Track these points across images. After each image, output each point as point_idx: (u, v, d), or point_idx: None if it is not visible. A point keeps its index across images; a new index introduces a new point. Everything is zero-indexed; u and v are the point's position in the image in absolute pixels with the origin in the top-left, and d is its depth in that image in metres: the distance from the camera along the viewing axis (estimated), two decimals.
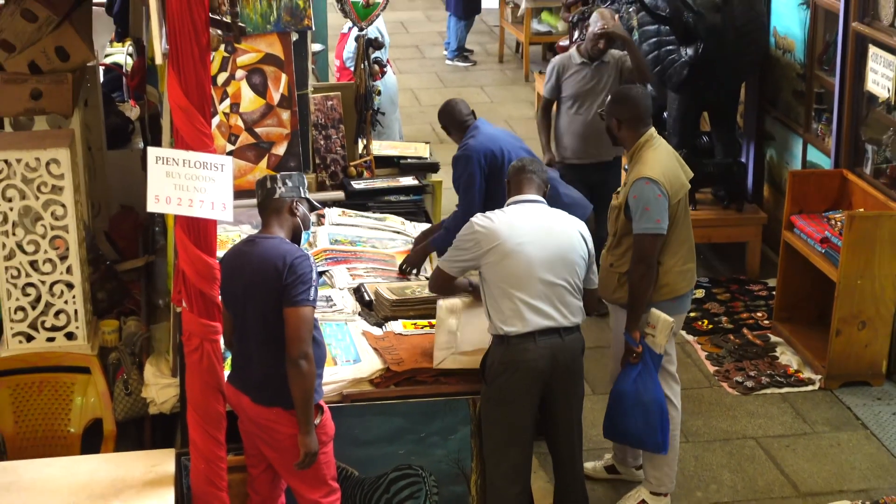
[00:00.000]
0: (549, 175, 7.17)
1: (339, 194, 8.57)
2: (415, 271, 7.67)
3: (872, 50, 8.93)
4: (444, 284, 6.63)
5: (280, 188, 5.98)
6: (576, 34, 12.38)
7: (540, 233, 6.45)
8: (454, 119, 7.94)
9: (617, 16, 10.48)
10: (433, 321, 6.87)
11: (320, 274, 7.49)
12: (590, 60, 9.40)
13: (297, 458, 5.87)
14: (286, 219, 6.00)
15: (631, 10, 11.00)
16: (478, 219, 6.47)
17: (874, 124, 9.25)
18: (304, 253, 5.91)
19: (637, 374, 7.03)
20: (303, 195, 6.06)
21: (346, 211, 8.33)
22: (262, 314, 5.85)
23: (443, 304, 6.70)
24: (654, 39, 10.31)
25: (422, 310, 7.11)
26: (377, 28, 9.67)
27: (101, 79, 9.01)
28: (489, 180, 7.64)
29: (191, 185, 5.50)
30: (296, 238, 6.04)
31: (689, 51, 9.94)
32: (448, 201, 9.57)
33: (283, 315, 5.75)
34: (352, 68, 9.44)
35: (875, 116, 9.21)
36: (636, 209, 6.92)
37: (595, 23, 9.38)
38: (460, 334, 6.72)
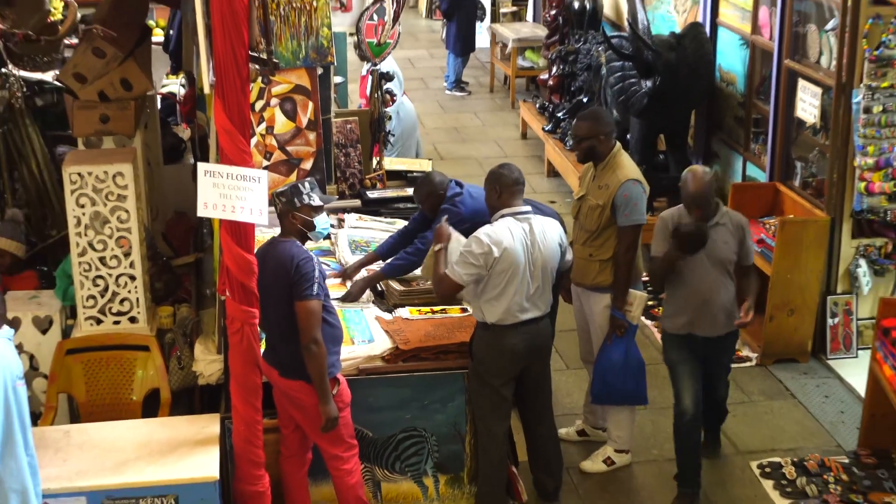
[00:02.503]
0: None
1: (356, 202, 8.58)
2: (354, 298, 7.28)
3: (801, 83, 8.96)
4: (453, 292, 6.59)
5: (278, 204, 6.05)
6: (554, 69, 12.44)
7: (537, 241, 6.44)
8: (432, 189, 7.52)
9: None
10: (435, 308, 6.95)
11: (342, 266, 7.56)
12: None
13: (321, 422, 5.92)
14: (291, 225, 6.06)
15: (600, 48, 11.05)
16: (486, 232, 6.38)
17: (802, 145, 9.27)
18: (308, 255, 5.94)
19: (624, 343, 7.08)
20: (300, 203, 6.04)
21: (363, 216, 8.34)
22: (279, 305, 5.90)
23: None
24: (620, 73, 10.33)
25: (425, 298, 7.13)
26: (390, 65, 9.69)
27: (159, 105, 9.02)
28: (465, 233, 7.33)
29: (233, 194, 5.53)
30: (304, 236, 6.09)
31: (649, 83, 9.96)
32: None
33: (295, 301, 5.83)
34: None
35: (803, 138, 9.23)
36: (626, 205, 6.94)
37: None
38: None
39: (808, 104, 8.89)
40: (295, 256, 5.88)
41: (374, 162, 8.91)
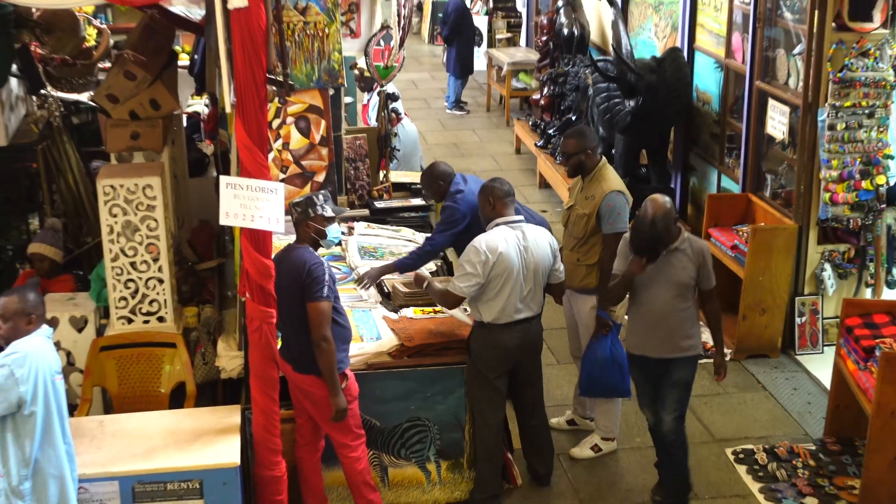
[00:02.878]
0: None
1: (365, 211, 8.61)
2: (366, 285, 7.38)
3: (771, 102, 8.98)
4: (458, 304, 6.64)
5: (294, 214, 6.09)
6: (545, 90, 12.46)
7: (529, 249, 6.46)
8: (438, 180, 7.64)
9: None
10: (437, 308, 6.97)
11: (351, 270, 7.59)
12: None
13: (331, 413, 5.95)
14: (305, 233, 6.09)
15: (587, 71, 11.05)
16: (481, 241, 6.41)
17: (772, 159, 9.28)
18: (319, 261, 5.97)
19: (608, 342, 7.10)
20: (313, 213, 6.07)
21: (371, 224, 8.35)
22: (293, 305, 5.93)
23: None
24: (605, 94, 10.36)
25: (428, 300, 7.11)
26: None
27: (184, 123, 9.04)
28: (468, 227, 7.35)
29: (252, 204, 5.54)
30: (317, 244, 6.12)
31: (632, 103, 9.98)
32: None
33: (307, 303, 5.87)
34: (375, 123, 9.47)
35: (773, 153, 9.25)
36: (610, 214, 6.97)
37: None
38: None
39: (777, 122, 8.92)
40: (307, 262, 5.92)
41: (381, 175, 8.93)
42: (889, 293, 8.79)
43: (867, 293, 8.77)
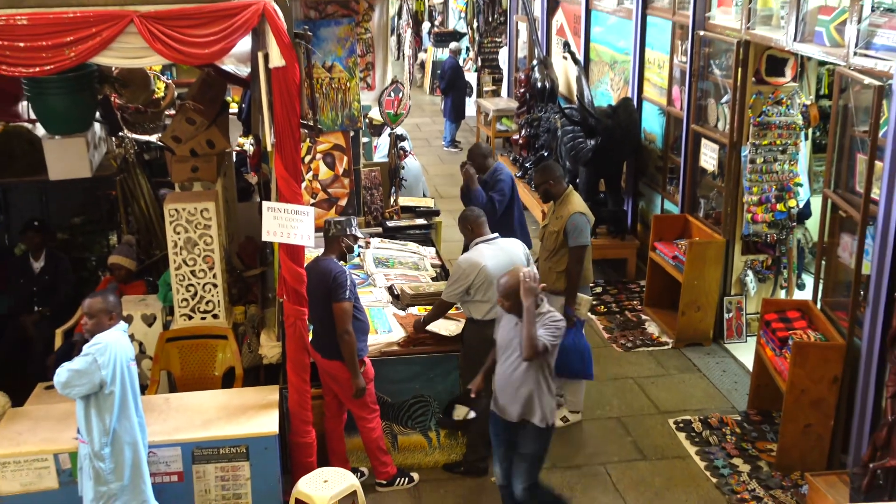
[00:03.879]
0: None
1: (378, 229, 8.60)
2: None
3: (703, 141, 8.97)
4: (446, 308, 6.63)
5: (332, 230, 6.11)
6: (522, 132, 12.45)
7: (504, 259, 6.44)
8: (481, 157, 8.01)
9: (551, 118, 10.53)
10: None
11: (368, 276, 7.58)
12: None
13: (352, 392, 5.96)
14: (336, 246, 6.12)
15: (556, 117, 11.04)
16: (465, 258, 6.48)
17: (704, 186, 9.27)
18: (342, 270, 6.03)
19: (573, 333, 7.07)
20: (348, 232, 6.15)
21: (384, 239, 8.36)
22: (322, 305, 5.95)
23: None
24: (571, 134, 10.34)
25: (430, 300, 7.08)
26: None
27: (234, 159, 9.03)
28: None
29: (288, 224, 5.54)
30: (343, 256, 6.18)
31: (592, 142, 9.96)
32: (446, 235, 9.60)
33: (332, 304, 5.93)
34: (385, 158, 9.45)
35: (705, 181, 9.24)
36: (574, 232, 6.99)
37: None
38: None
39: (708, 157, 8.91)
40: (332, 270, 5.96)
41: (392, 200, 8.91)
42: (799, 294, 8.81)
43: (782, 294, 8.78)
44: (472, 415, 6.01)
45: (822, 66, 9.05)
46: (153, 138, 8.60)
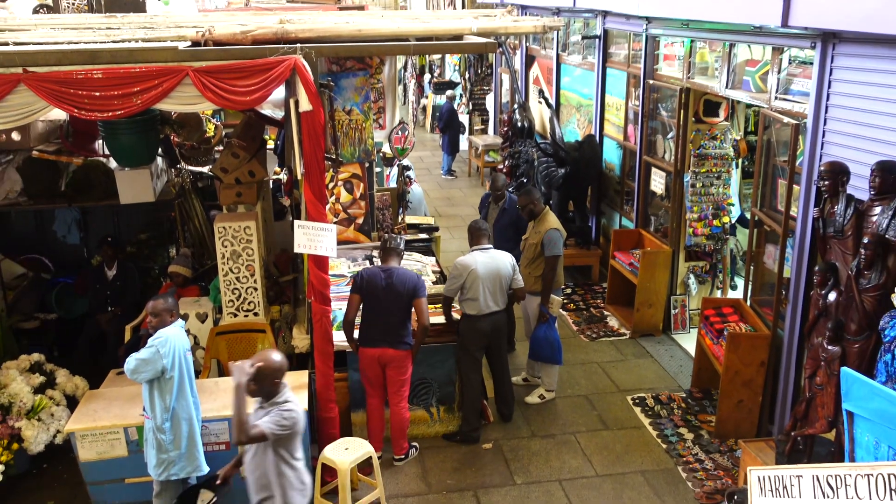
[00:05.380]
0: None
1: (403, 241, 8.57)
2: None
3: (653, 170, 8.97)
4: (447, 304, 6.58)
5: (397, 243, 6.25)
6: (506, 162, 12.42)
7: (492, 265, 6.45)
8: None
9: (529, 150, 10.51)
10: (438, 306, 6.86)
11: None
12: None
13: (409, 373, 6.16)
14: (396, 255, 6.22)
15: (533, 150, 11.01)
16: (459, 261, 6.47)
17: (654, 206, 9.27)
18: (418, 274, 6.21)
19: (546, 327, 7.04)
20: (402, 244, 6.35)
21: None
22: (401, 304, 6.01)
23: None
24: (545, 165, 10.32)
25: (435, 300, 7.00)
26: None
27: (271, 186, 9.00)
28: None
29: (315, 238, 5.51)
30: (399, 262, 6.30)
31: (563, 170, 9.96)
32: (444, 247, 9.56)
33: (412, 303, 6.03)
34: (394, 185, 9.42)
35: (655, 202, 9.23)
36: (549, 244, 6.99)
37: None
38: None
39: (658, 182, 8.91)
40: (416, 276, 6.12)
41: (399, 218, 8.88)
42: (732, 293, 8.79)
43: (718, 293, 8.75)
44: (215, 500, 5.04)
45: (749, 108, 9.08)
46: (205, 169, 8.56)
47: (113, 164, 7.68)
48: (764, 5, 5.74)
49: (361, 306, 6.09)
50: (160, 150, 7.93)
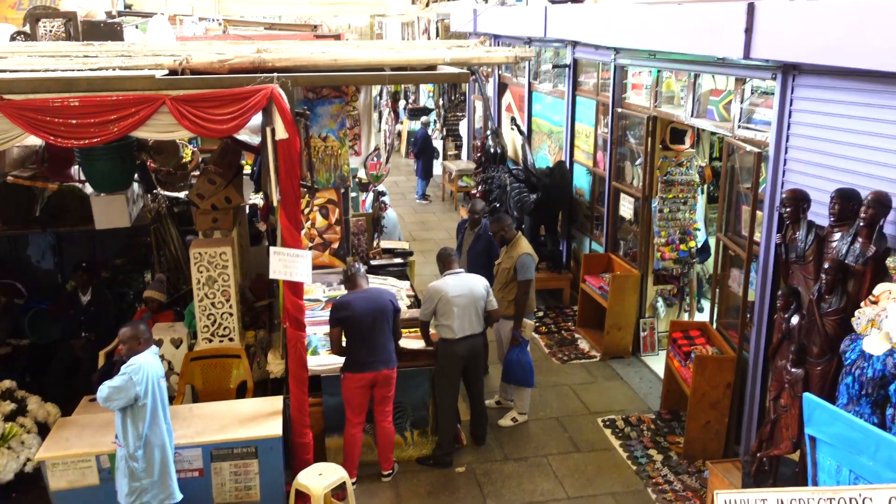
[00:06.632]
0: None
1: (364, 267, 8.49)
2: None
3: (622, 195, 9.04)
4: (425, 325, 6.55)
5: (357, 268, 6.32)
6: (479, 187, 12.46)
7: (464, 288, 6.45)
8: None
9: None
10: (414, 330, 6.84)
11: None
12: None
13: (394, 388, 6.20)
14: (362, 281, 6.24)
15: (506, 175, 11.07)
16: (431, 285, 6.46)
17: (623, 231, 9.33)
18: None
19: (518, 350, 7.05)
20: (362, 271, 6.36)
21: (368, 275, 8.27)
22: (386, 319, 6.02)
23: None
24: (517, 190, 10.36)
25: (411, 324, 6.99)
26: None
27: (247, 211, 8.94)
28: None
29: (291, 264, 5.48)
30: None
31: (534, 196, 10.00)
32: (419, 271, 9.54)
33: (394, 318, 6.10)
34: (369, 210, 9.41)
35: (624, 227, 9.29)
36: (522, 269, 7.00)
37: None
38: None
39: (626, 207, 8.98)
40: (387, 294, 6.21)
41: (374, 243, 8.87)
42: (699, 316, 8.85)
43: (685, 316, 8.81)
44: None
45: (714, 135, 9.20)
46: (181, 195, 8.51)
47: (89, 189, 7.61)
48: (727, 38, 5.85)
49: (344, 336, 6.06)
50: (136, 175, 7.87)
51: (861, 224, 4.76)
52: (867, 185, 4.91)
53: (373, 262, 8.62)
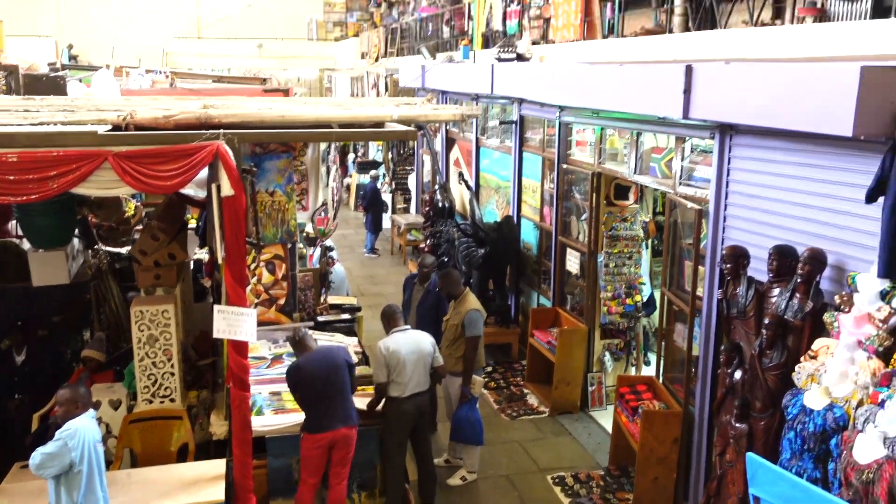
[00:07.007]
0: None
1: (311, 323, 8.39)
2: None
3: (568, 250, 9.16)
4: (383, 388, 6.41)
5: (303, 332, 6.18)
6: (428, 241, 12.52)
7: (413, 345, 6.41)
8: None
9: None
10: (369, 388, 6.72)
11: None
12: None
13: (353, 449, 6.07)
14: (313, 339, 6.18)
15: (454, 229, 11.15)
16: (381, 344, 6.40)
17: (570, 285, 9.42)
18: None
19: (467, 407, 7.00)
20: (308, 334, 6.25)
21: (315, 332, 8.13)
22: (341, 375, 5.93)
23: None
24: (466, 244, 10.43)
25: (363, 382, 6.88)
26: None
27: (192, 266, 8.79)
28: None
29: (235, 323, 5.37)
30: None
31: (482, 250, 10.07)
32: (367, 326, 9.46)
33: (350, 373, 6.02)
34: (317, 265, 9.35)
35: (570, 281, 9.39)
36: (470, 325, 6.99)
37: None
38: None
39: (573, 262, 9.09)
40: (338, 350, 6.16)
41: (322, 299, 8.78)
42: (646, 369, 8.94)
43: (632, 370, 8.89)
44: None
45: (657, 191, 9.43)
46: (124, 250, 8.32)
47: (27, 244, 7.41)
48: (667, 99, 6.04)
49: (302, 399, 5.95)
50: (77, 230, 7.69)
51: (798, 280, 4.90)
52: (804, 242, 5.07)
53: (320, 319, 8.51)
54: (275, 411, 6.35)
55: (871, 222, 4.51)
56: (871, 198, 4.41)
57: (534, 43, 10.42)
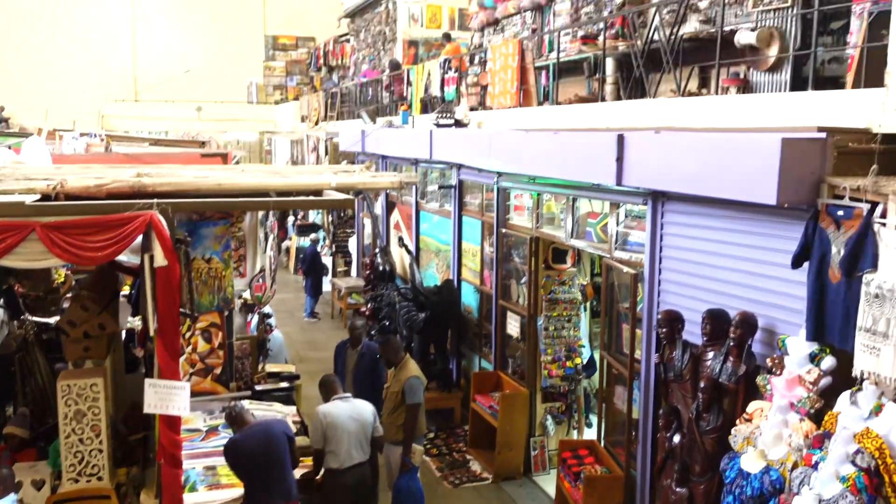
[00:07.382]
0: None
1: (248, 392, 8.20)
2: None
3: (509, 313, 9.20)
4: (319, 458, 6.32)
5: (240, 406, 6.10)
6: (369, 304, 12.44)
7: (355, 413, 6.32)
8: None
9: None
10: (307, 459, 6.55)
11: None
12: None
13: None
14: (250, 413, 6.08)
15: (395, 293, 11.12)
16: (320, 409, 6.30)
17: (511, 348, 9.44)
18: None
19: (408, 477, 6.88)
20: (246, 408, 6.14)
21: (252, 401, 7.94)
22: (282, 449, 5.82)
23: None
24: (406, 308, 10.40)
25: (304, 454, 6.67)
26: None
27: (123, 336, 8.53)
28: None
29: (167, 397, 5.22)
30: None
31: (423, 314, 10.04)
32: (306, 393, 9.27)
33: (290, 447, 5.91)
34: (255, 332, 9.18)
35: (512, 344, 9.41)
36: (410, 392, 6.93)
37: None
38: None
39: (513, 325, 9.12)
40: (282, 422, 6.13)
41: (259, 367, 8.60)
42: (588, 431, 8.94)
43: (574, 433, 8.88)
44: None
45: (594, 254, 9.60)
46: (52, 321, 8.04)
47: None
48: (600, 166, 6.21)
49: (240, 475, 5.79)
50: (1, 301, 7.42)
51: (731, 344, 5.01)
52: (735, 306, 5.20)
53: (257, 388, 8.33)
54: (209, 487, 6.13)
55: (798, 286, 4.67)
56: (796, 263, 4.57)
57: (472, 109, 10.63)
